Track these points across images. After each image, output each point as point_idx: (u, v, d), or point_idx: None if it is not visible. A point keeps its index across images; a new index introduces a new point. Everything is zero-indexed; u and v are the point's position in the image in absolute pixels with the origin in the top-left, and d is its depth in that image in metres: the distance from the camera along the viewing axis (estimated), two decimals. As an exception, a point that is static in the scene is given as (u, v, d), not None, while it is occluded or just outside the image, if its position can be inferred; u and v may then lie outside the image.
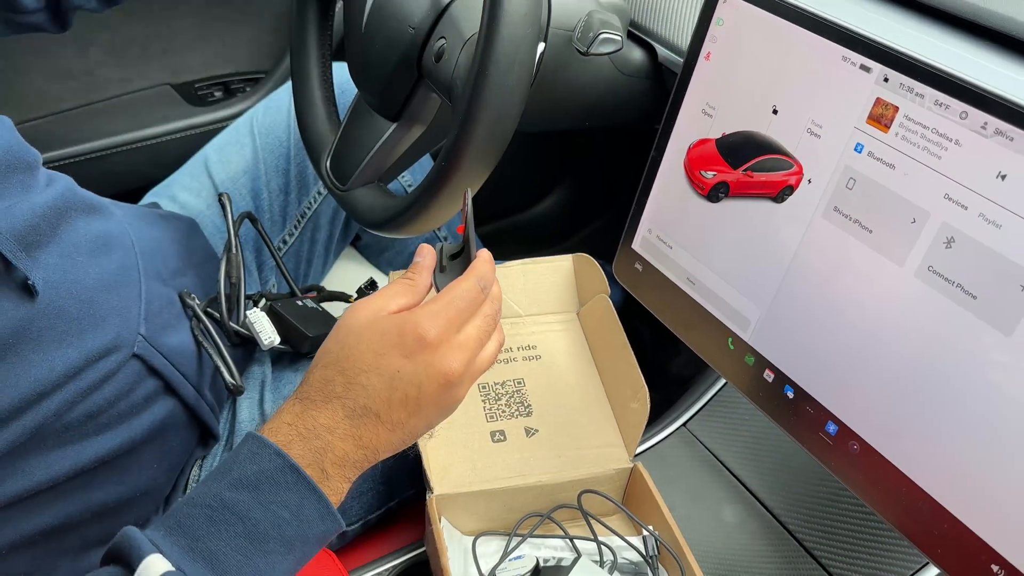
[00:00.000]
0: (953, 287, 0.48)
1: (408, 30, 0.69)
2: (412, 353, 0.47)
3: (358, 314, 0.49)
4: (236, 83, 1.13)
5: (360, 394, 0.47)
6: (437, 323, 0.48)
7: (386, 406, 0.47)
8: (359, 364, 0.48)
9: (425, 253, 0.53)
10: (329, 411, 0.47)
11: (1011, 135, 0.45)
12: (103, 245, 0.64)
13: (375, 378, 0.47)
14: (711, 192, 0.63)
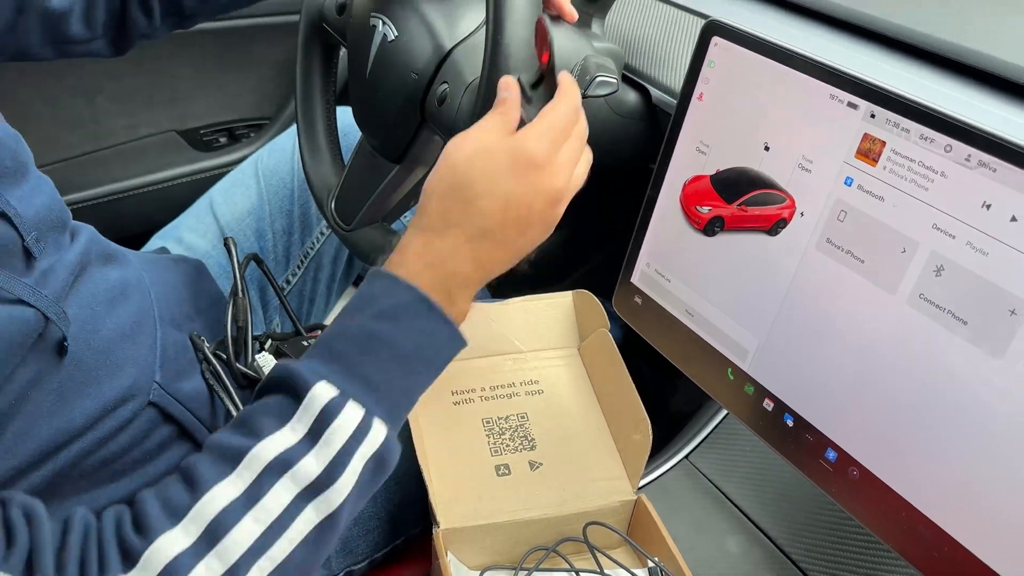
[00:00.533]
0: (944, 313, 0.49)
1: (411, 76, 0.72)
2: (522, 175, 0.51)
3: (463, 146, 0.52)
4: (241, 129, 1.16)
5: (477, 218, 0.51)
6: (543, 145, 0.51)
7: (501, 226, 0.51)
8: (474, 190, 0.51)
9: (511, 87, 0.55)
10: (451, 238, 0.51)
11: (994, 166, 0.47)
12: (120, 294, 0.64)
13: (490, 201, 0.51)
14: (707, 226, 0.65)
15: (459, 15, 0.72)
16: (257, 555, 0.45)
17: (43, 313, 0.52)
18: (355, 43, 0.78)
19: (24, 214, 0.55)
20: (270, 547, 0.45)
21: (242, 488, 0.46)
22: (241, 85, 1.13)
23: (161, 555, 0.44)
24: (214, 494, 0.45)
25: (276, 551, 0.45)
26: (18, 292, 0.51)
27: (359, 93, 0.79)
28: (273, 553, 0.45)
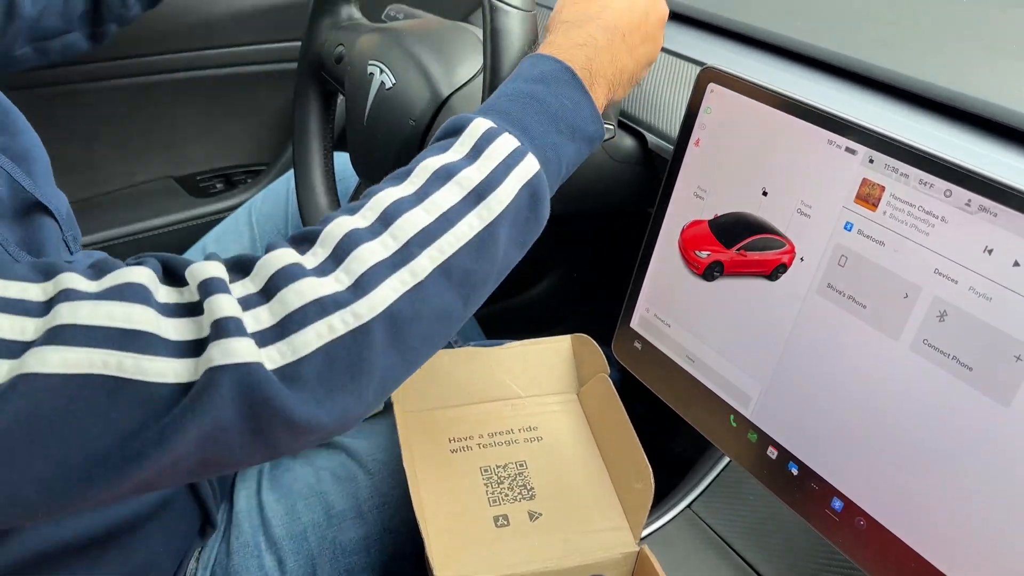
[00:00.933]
0: (949, 359, 0.49)
1: (409, 122, 0.72)
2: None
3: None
4: (238, 175, 1.16)
5: (610, 14, 0.59)
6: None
7: (629, 27, 0.60)
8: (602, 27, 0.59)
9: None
10: (589, 28, 0.59)
11: (994, 211, 0.46)
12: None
13: (618, 3, 0.60)
14: (706, 271, 0.65)
15: (456, 63, 0.73)
16: (428, 241, 0.47)
17: None
18: (353, 90, 0.79)
19: (59, 211, 0.59)
20: (439, 237, 0.47)
21: (412, 189, 0.48)
22: (239, 131, 1.14)
23: (338, 228, 0.45)
24: (389, 192, 0.48)
25: (444, 243, 0.47)
26: None
27: (357, 139, 0.80)
28: (442, 244, 0.47)
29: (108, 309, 0.39)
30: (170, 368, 0.39)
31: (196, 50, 1.03)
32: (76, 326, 0.38)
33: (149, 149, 1.10)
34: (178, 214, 1.09)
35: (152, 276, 0.41)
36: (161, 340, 0.39)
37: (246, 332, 0.40)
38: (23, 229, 0.56)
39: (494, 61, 0.61)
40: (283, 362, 0.41)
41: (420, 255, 0.46)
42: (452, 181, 0.49)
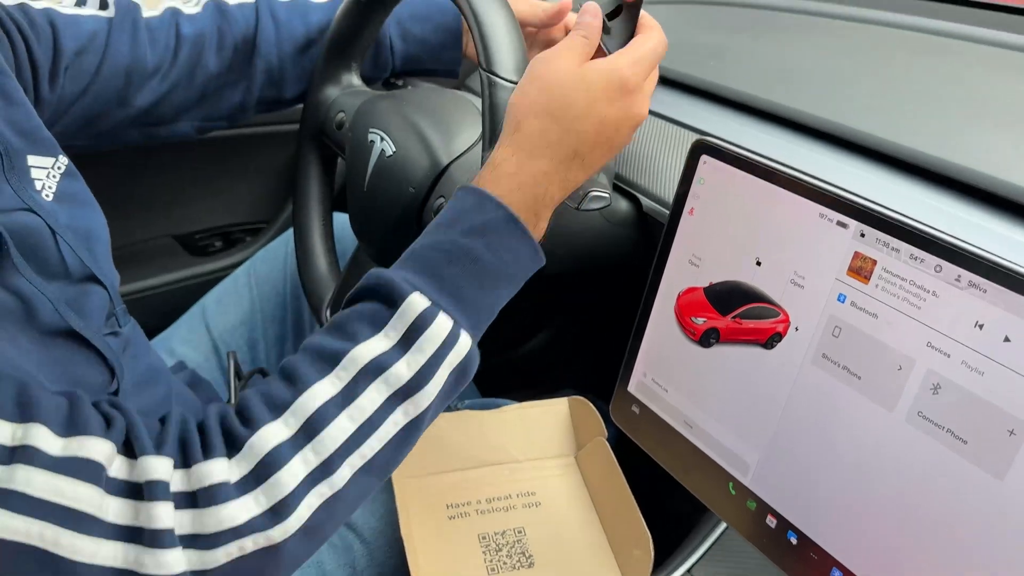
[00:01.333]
0: (944, 432, 0.49)
1: (409, 189, 0.73)
2: (616, 99, 0.55)
3: (555, 67, 0.55)
4: (237, 233, 1.17)
5: (573, 140, 0.55)
6: (638, 71, 0.55)
7: (591, 148, 0.56)
8: (572, 112, 0.54)
9: (594, 12, 0.58)
10: (546, 159, 0.55)
11: (984, 287, 0.48)
12: (151, 379, 0.69)
13: (586, 124, 0.55)
14: (703, 338, 0.66)
15: (455, 132, 0.74)
16: (349, 451, 0.48)
17: (111, 365, 0.58)
18: (353, 156, 0.80)
19: (112, 286, 0.63)
20: (361, 444, 0.49)
21: (339, 388, 0.49)
22: (239, 190, 1.15)
23: (263, 443, 0.46)
24: (314, 391, 0.48)
25: (367, 448, 0.49)
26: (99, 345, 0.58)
27: (357, 204, 0.81)
28: (364, 450, 0.49)
29: (59, 485, 0.41)
30: (101, 551, 0.42)
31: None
32: (27, 496, 0.40)
33: (149, 208, 1.11)
34: (176, 273, 1.10)
35: (111, 451, 0.44)
36: (100, 522, 0.42)
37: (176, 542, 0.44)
38: (75, 291, 0.59)
39: (492, 133, 0.63)
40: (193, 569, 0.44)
41: (341, 466, 0.48)
42: (380, 379, 0.49)
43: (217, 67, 0.82)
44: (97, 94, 0.75)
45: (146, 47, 0.77)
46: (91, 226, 0.64)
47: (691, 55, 0.93)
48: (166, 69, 0.79)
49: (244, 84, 0.84)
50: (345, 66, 0.86)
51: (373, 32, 0.84)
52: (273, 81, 0.86)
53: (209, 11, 0.81)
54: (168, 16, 0.80)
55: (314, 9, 0.84)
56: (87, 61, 0.73)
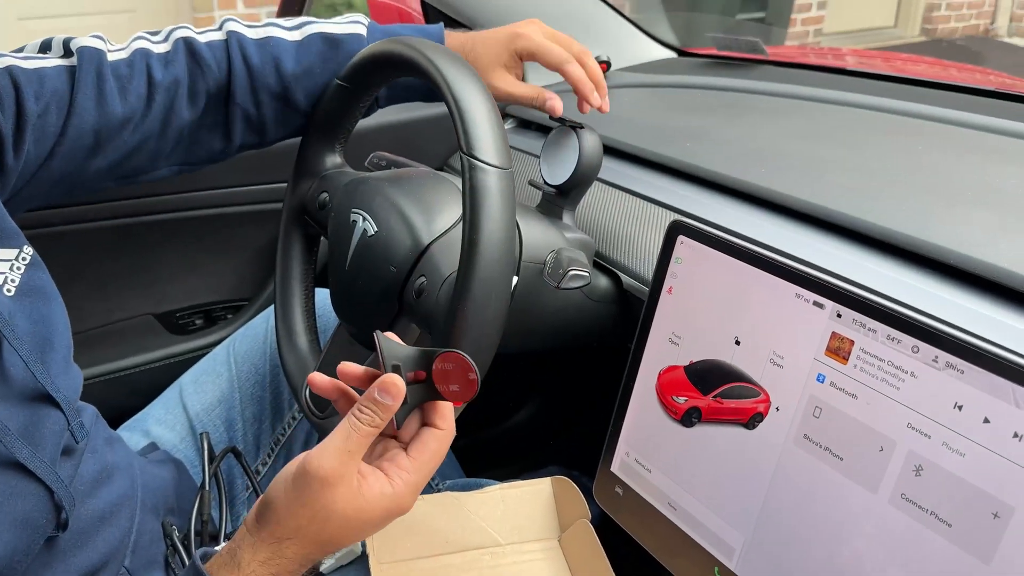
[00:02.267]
0: (928, 515, 0.49)
1: (390, 269, 0.74)
2: (389, 518, 0.52)
3: (336, 499, 0.50)
4: (218, 311, 1.17)
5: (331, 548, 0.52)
6: (417, 494, 0.52)
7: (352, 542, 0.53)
8: (342, 541, 0.52)
9: (396, 396, 0.51)
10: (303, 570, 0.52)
11: (961, 368, 0.48)
12: (107, 477, 0.65)
13: (351, 542, 0.52)
14: (684, 417, 0.65)
15: (436, 212, 0.75)
16: None
17: (57, 502, 0.56)
18: (336, 236, 0.80)
19: (68, 400, 0.60)
20: None
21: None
22: (221, 268, 1.15)
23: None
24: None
25: None
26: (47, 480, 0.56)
27: (338, 283, 0.81)
28: None
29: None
30: None
31: (182, 192, 1.06)
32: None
33: (129, 287, 1.11)
34: (156, 352, 1.09)
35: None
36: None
37: None
38: (27, 416, 0.56)
39: (473, 215, 0.64)
40: None
41: None
42: None
43: (191, 115, 0.78)
44: (64, 155, 0.71)
45: (115, 99, 0.73)
46: (51, 329, 0.62)
47: (669, 137, 0.95)
48: (137, 120, 0.75)
49: (222, 130, 0.82)
50: (329, 147, 0.88)
51: (357, 115, 0.85)
52: (253, 128, 0.83)
53: (181, 53, 0.77)
54: (138, 59, 0.75)
55: (285, 56, 0.81)
56: (51, 122, 0.69)
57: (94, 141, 0.73)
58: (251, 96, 0.80)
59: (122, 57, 0.75)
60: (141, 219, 1.06)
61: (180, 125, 0.78)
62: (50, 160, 0.71)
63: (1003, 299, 0.59)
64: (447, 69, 0.67)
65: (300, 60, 0.81)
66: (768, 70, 1.18)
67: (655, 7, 3.81)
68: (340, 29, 0.83)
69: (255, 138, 0.84)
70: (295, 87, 0.81)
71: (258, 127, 0.83)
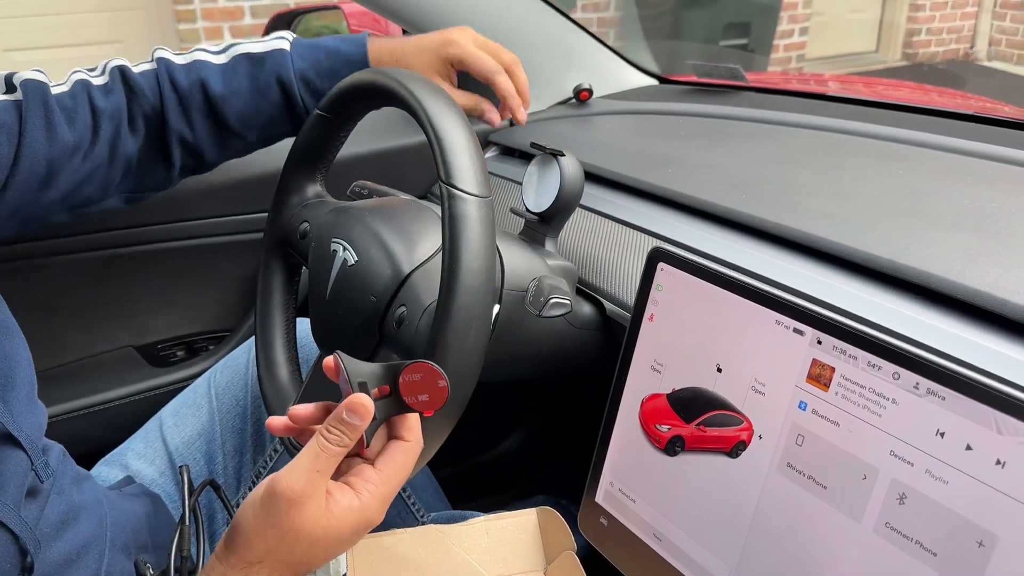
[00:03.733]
0: (912, 544, 0.48)
1: (370, 299, 0.73)
2: (358, 534, 0.52)
3: (305, 518, 0.49)
4: (199, 342, 1.15)
5: (306, 571, 0.51)
6: (385, 508, 0.52)
7: (322, 562, 0.52)
8: (313, 561, 0.51)
9: (364, 416, 0.50)
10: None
11: (942, 395, 0.47)
12: (73, 518, 0.64)
13: (323, 561, 0.52)
14: (668, 446, 0.65)
15: (416, 241, 0.75)
16: None
17: (22, 546, 0.55)
18: (316, 266, 0.80)
19: (31, 439, 0.59)
20: None
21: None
22: (202, 299, 1.14)
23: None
24: None
25: None
26: (10, 524, 0.54)
27: (318, 313, 0.80)
28: None
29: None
30: None
31: (162, 223, 1.05)
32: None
33: (110, 319, 1.10)
34: (137, 385, 1.08)
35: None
36: None
37: None
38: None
39: (453, 244, 0.63)
40: None
41: None
42: None
43: (134, 144, 0.81)
44: (18, 186, 0.73)
45: (63, 128, 0.74)
46: (12, 366, 0.61)
47: (650, 163, 0.95)
48: (86, 148, 0.77)
49: (162, 157, 0.84)
50: (309, 176, 0.87)
51: (338, 145, 0.85)
52: (190, 152, 0.86)
53: (117, 83, 0.80)
54: (79, 90, 0.78)
55: (212, 78, 0.84)
56: (2, 154, 0.71)
57: (47, 171, 0.74)
58: (183, 119, 0.83)
59: (64, 90, 0.78)
60: (121, 251, 1.05)
61: (127, 152, 0.81)
62: (4, 192, 0.72)
63: (983, 322, 0.58)
64: (426, 98, 0.67)
65: (226, 82, 0.84)
66: (748, 96, 1.19)
67: (637, 36, 3.86)
68: (263, 47, 0.86)
69: (194, 161, 0.87)
70: (224, 107, 0.84)
71: (194, 149, 0.86)
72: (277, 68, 0.84)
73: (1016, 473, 0.44)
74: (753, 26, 3.94)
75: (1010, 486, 0.44)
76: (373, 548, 0.73)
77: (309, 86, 0.87)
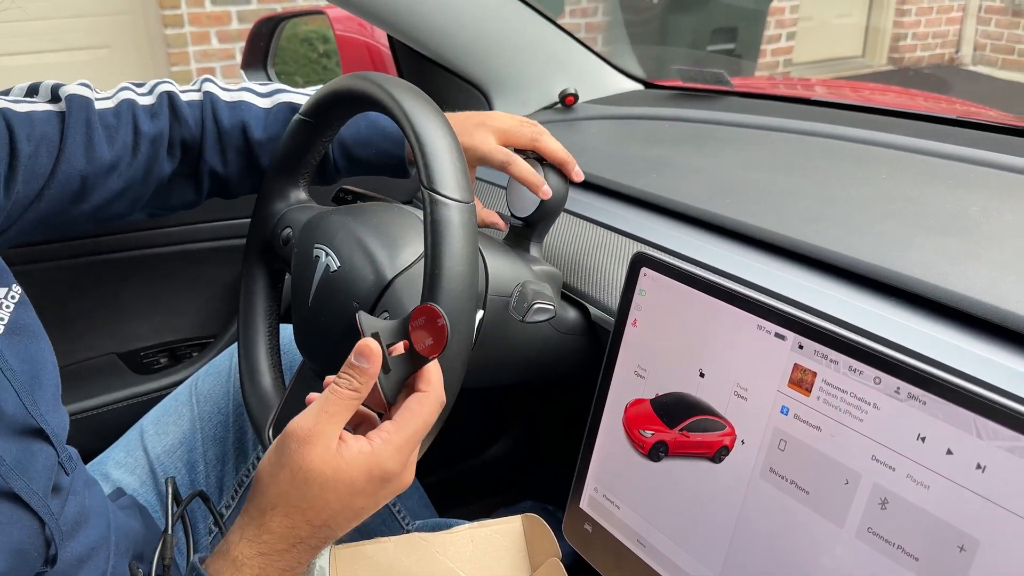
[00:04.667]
0: (895, 549, 0.48)
1: (353, 304, 0.72)
2: (378, 490, 0.51)
3: (313, 455, 0.49)
4: (183, 349, 1.14)
5: (327, 534, 0.51)
6: (401, 458, 0.51)
7: (345, 530, 0.52)
8: (326, 511, 0.50)
9: (372, 359, 0.51)
10: (294, 554, 0.51)
11: (923, 399, 0.47)
12: (84, 519, 0.65)
13: (342, 519, 0.51)
14: (651, 451, 0.64)
15: (400, 246, 0.74)
16: None
17: (48, 536, 0.57)
18: (299, 272, 0.79)
19: (57, 434, 0.60)
20: None
21: None
22: (187, 305, 1.13)
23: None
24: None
25: None
26: (40, 511, 0.56)
27: (301, 320, 0.80)
28: None
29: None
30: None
31: (145, 230, 1.04)
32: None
33: (93, 326, 1.09)
34: (120, 392, 1.07)
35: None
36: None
37: None
38: (19, 449, 0.57)
39: (435, 250, 0.63)
40: None
41: None
42: None
43: (170, 167, 0.82)
44: (52, 197, 0.74)
45: (103, 146, 0.76)
46: (39, 367, 0.63)
47: (635, 168, 0.95)
48: (123, 168, 0.78)
49: (193, 183, 0.86)
50: (292, 182, 0.87)
51: (320, 149, 0.85)
52: (220, 183, 0.87)
53: (165, 107, 0.81)
54: (125, 109, 0.79)
55: (254, 123, 0.85)
56: (41, 164, 0.72)
57: (80, 186, 0.75)
58: (219, 155, 0.85)
59: (109, 106, 0.78)
60: (104, 257, 1.04)
61: (161, 174, 0.82)
62: (38, 202, 0.73)
63: (966, 326, 0.58)
64: (408, 103, 0.67)
65: (267, 127, 0.85)
66: (733, 101, 1.19)
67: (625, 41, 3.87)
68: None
69: (221, 192, 0.89)
70: (260, 152, 0.86)
71: (224, 182, 0.87)
72: None
73: (996, 477, 0.44)
74: (740, 31, 3.96)
75: (991, 490, 0.44)
76: (356, 556, 0.72)
77: (344, 150, 0.88)
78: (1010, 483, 0.44)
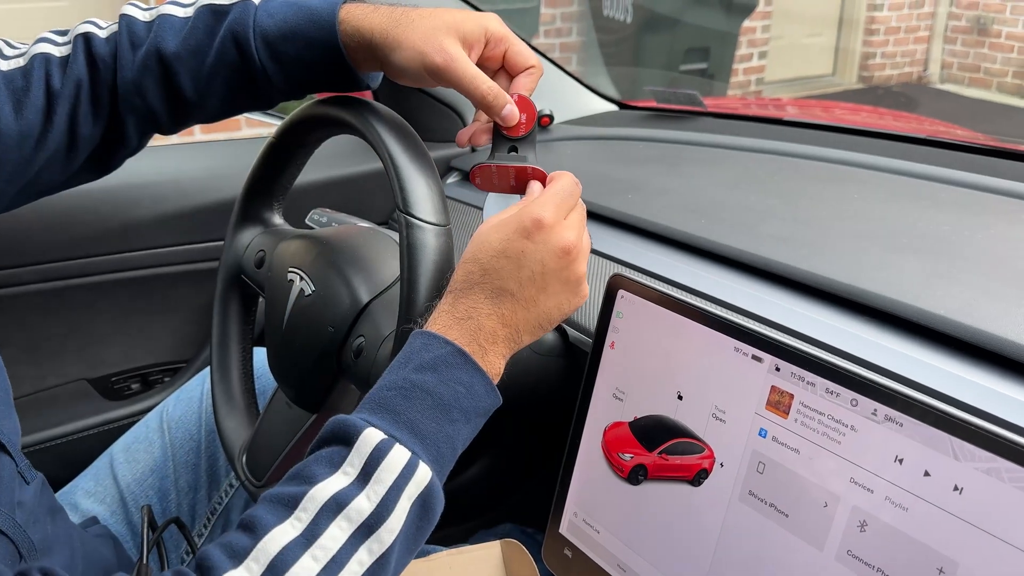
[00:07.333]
0: (874, 571, 0.48)
1: (328, 329, 0.72)
2: (531, 234, 0.56)
3: (487, 224, 0.59)
4: (155, 374, 1.13)
5: (495, 277, 0.56)
6: (548, 207, 0.56)
7: (518, 284, 0.56)
8: (489, 252, 0.57)
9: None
10: (473, 296, 0.56)
11: (900, 421, 0.47)
12: (47, 549, 0.63)
13: (504, 261, 0.56)
14: (631, 475, 0.64)
15: (375, 269, 0.74)
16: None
17: (19, 549, 0.55)
18: (272, 296, 0.78)
19: (12, 442, 0.59)
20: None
21: (300, 529, 0.48)
22: (157, 329, 1.12)
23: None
24: (274, 535, 0.47)
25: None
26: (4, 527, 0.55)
27: (275, 344, 0.79)
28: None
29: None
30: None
31: (116, 253, 1.03)
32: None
33: (62, 351, 1.06)
34: (90, 419, 1.04)
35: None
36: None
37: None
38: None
39: (411, 274, 0.62)
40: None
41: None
42: (341, 515, 0.49)
43: (98, 125, 0.69)
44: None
45: (7, 115, 0.64)
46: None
47: (610, 188, 0.95)
48: (38, 136, 0.66)
49: (125, 129, 0.70)
50: (266, 205, 0.86)
51: (294, 173, 0.84)
52: (148, 119, 0.71)
53: (80, 53, 0.67)
54: (37, 66, 0.66)
55: (170, 35, 0.68)
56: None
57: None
58: (135, 85, 0.68)
59: (19, 65, 0.66)
60: (73, 281, 1.02)
61: (86, 135, 0.68)
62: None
63: (939, 344, 0.59)
64: (382, 128, 0.67)
65: (185, 38, 0.68)
66: (706, 121, 1.20)
67: (599, 61, 3.89)
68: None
69: (157, 128, 0.73)
70: (177, 67, 0.68)
71: (152, 116, 0.71)
72: (236, 22, 0.67)
73: (973, 499, 0.44)
74: (712, 51, 4.01)
75: (968, 512, 0.44)
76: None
77: (270, 49, 0.67)
78: (987, 504, 0.44)
